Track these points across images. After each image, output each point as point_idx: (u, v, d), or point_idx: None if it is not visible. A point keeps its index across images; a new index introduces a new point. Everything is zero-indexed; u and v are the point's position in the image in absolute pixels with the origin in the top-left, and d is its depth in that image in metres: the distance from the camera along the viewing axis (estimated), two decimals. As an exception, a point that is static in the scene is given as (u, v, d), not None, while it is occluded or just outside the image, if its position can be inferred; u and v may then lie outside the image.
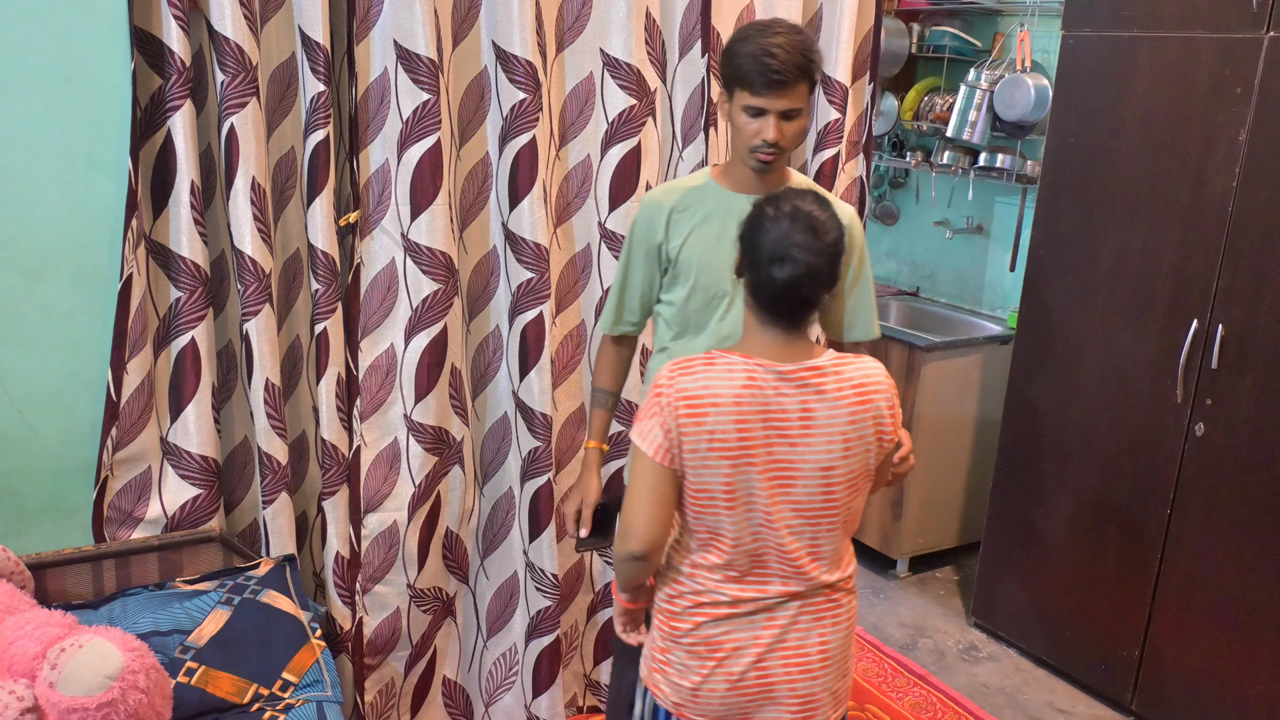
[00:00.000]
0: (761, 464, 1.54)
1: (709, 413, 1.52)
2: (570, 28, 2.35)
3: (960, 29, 3.89)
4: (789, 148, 1.86)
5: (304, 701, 1.92)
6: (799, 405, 1.54)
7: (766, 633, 1.61)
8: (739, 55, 1.80)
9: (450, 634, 2.57)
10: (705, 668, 1.62)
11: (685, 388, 1.54)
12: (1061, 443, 3.04)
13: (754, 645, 1.61)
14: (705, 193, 1.97)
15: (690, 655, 1.63)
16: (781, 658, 1.62)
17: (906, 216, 4.35)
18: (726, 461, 1.53)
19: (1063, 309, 3.01)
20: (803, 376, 1.54)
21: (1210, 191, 2.62)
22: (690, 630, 1.63)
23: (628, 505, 1.59)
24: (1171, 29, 2.68)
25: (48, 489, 2.07)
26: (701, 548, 1.61)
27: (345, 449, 2.27)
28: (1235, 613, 2.65)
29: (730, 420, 1.52)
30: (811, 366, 1.55)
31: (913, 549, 3.73)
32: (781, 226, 1.52)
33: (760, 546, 1.58)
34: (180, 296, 2.04)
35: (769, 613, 1.61)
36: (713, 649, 1.62)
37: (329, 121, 2.10)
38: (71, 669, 1.62)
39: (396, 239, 2.24)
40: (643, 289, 2.04)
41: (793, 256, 1.50)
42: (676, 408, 1.53)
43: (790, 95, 1.79)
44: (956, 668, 3.19)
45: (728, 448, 1.53)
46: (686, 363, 1.58)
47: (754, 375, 1.53)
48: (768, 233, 1.53)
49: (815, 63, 1.81)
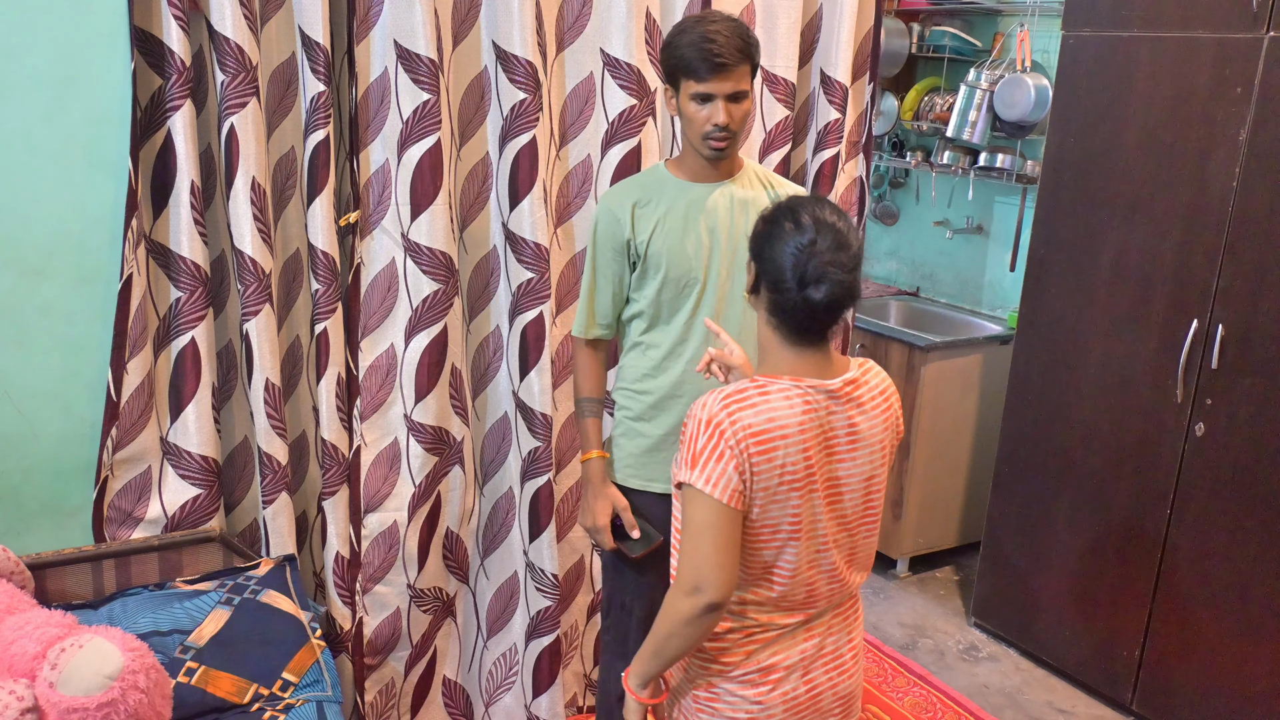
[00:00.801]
0: (820, 486, 1.49)
1: (778, 445, 1.44)
2: (570, 28, 2.35)
3: (960, 29, 3.89)
4: (739, 130, 1.94)
5: (304, 701, 1.92)
6: (846, 422, 1.50)
7: (809, 644, 1.57)
8: (680, 46, 1.88)
9: (450, 634, 2.57)
10: (761, 692, 1.55)
11: (750, 423, 1.43)
12: (1061, 443, 3.04)
13: (800, 659, 1.56)
14: (664, 186, 2.03)
15: (743, 685, 1.55)
16: (823, 665, 1.59)
17: (906, 216, 4.35)
18: (796, 493, 1.46)
19: (1063, 309, 3.01)
20: (847, 393, 1.50)
21: (1210, 191, 2.62)
22: (741, 660, 1.55)
23: (693, 555, 1.45)
24: (1171, 29, 2.68)
25: (48, 489, 2.07)
26: (752, 583, 1.52)
27: (345, 449, 2.27)
28: (1235, 612, 2.65)
29: (798, 450, 1.45)
30: (851, 380, 1.51)
31: (913, 549, 3.73)
32: (808, 242, 1.43)
33: (816, 573, 1.53)
34: (180, 296, 2.04)
35: (808, 625, 1.58)
36: (766, 673, 1.55)
37: (329, 121, 2.10)
38: (71, 669, 1.62)
39: (396, 239, 2.24)
40: (613, 288, 2.07)
41: (830, 276, 1.41)
42: (747, 446, 1.42)
43: (734, 77, 1.88)
44: (956, 668, 3.19)
45: (796, 479, 1.46)
46: (740, 394, 1.46)
47: (809, 399, 1.47)
48: (794, 250, 1.44)
49: (754, 45, 1.91)
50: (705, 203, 2.01)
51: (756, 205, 2.04)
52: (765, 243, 1.50)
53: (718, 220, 2.01)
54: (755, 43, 1.91)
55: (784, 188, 2.09)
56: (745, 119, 1.93)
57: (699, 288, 2.00)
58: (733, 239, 2.00)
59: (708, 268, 2.01)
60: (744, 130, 1.97)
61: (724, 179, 2.03)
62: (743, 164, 2.08)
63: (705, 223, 2.01)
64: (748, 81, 1.91)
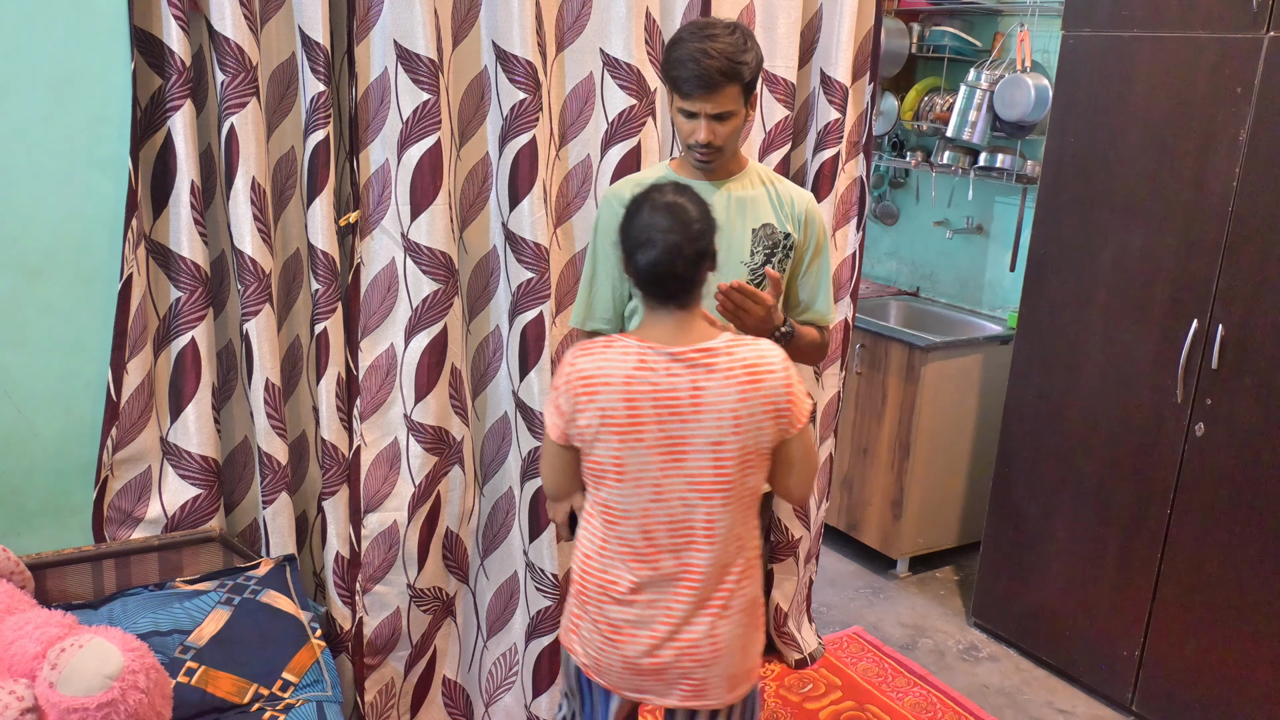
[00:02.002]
0: (651, 440, 1.65)
1: (600, 392, 1.66)
2: (570, 28, 2.35)
3: (960, 29, 3.89)
4: (724, 146, 1.95)
5: (304, 701, 1.92)
6: (690, 384, 1.64)
7: (663, 627, 1.71)
8: (670, 59, 1.89)
9: (450, 634, 2.57)
10: (607, 645, 1.76)
11: (583, 369, 1.68)
12: (1061, 443, 3.05)
13: (650, 636, 1.72)
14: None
15: (594, 630, 1.77)
16: (676, 649, 1.72)
17: (906, 216, 4.35)
18: (617, 439, 1.66)
19: (1063, 309, 3.01)
20: (693, 357, 1.65)
21: (1210, 191, 2.62)
22: (595, 611, 1.76)
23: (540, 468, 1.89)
24: (1171, 29, 2.68)
25: (48, 489, 2.07)
26: (603, 524, 1.74)
27: (345, 449, 2.27)
28: (1235, 612, 2.65)
29: (620, 399, 1.65)
30: (703, 348, 1.66)
31: (913, 549, 3.73)
32: (645, 215, 1.65)
33: (651, 521, 1.69)
34: (180, 296, 2.04)
35: (668, 605, 1.71)
36: (614, 630, 1.74)
37: (329, 121, 2.10)
38: (71, 669, 1.62)
39: (396, 239, 2.24)
40: (613, 282, 2.09)
41: (653, 240, 1.62)
42: (573, 388, 1.68)
43: (717, 99, 1.87)
44: (956, 668, 3.19)
45: (618, 425, 1.65)
46: (590, 345, 1.71)
47: (646, 358, 1.65)
48: (636, 222, 1.67)
49: (744, 65, 1.88)
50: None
51: (756, 205, 2.05)
52: (624, 218, 1.70)
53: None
54: (749, 62, 1.88)
55: (787, 188, 2.10)
56: (732, 136, 1.94)
57: None
58: (726, 237, 2.01)
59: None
60: (733, 143, 1.97)
61: (725, 179, 2.04)
62: (746, 164, 2.09)
63: None
64: (735, 103, 1.90)
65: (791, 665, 3.09)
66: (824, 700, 2.94)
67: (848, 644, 3.25)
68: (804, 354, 2.20)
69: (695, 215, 1.66)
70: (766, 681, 3.00)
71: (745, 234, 2.04)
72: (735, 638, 1.74)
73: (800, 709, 2.89)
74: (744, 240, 2.04)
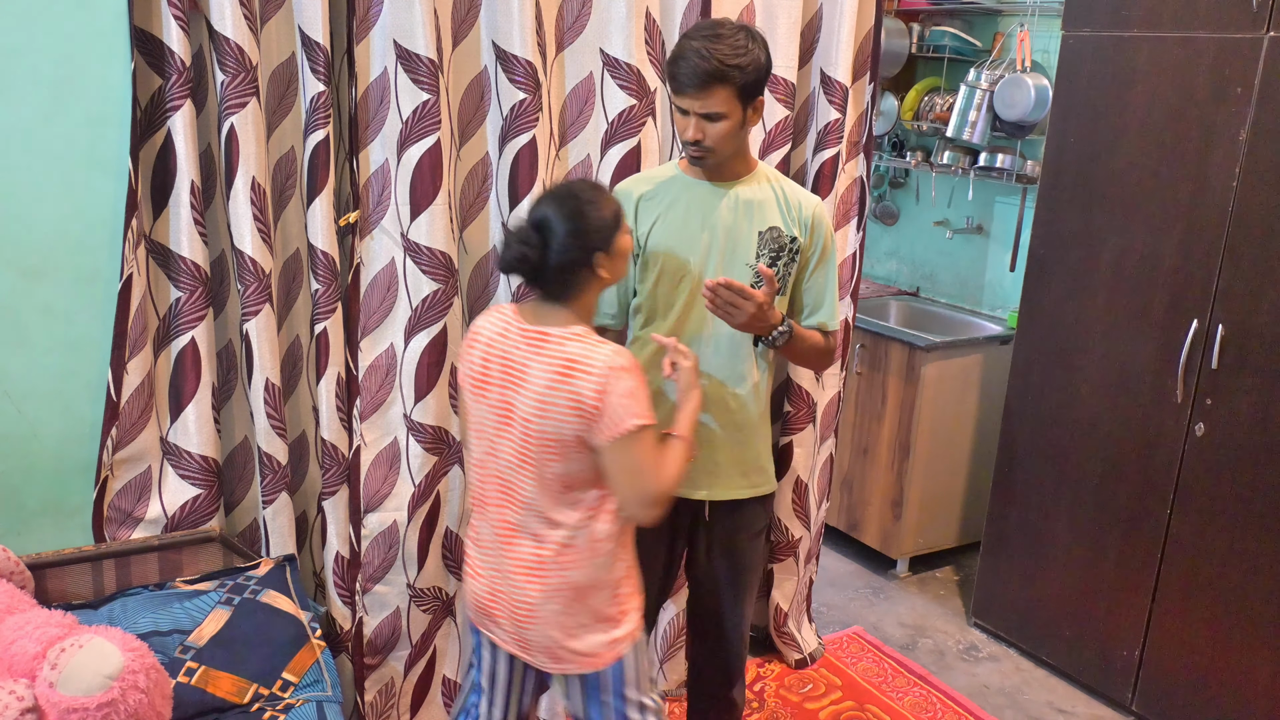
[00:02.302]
0: (494, 400, 1.80)
1: (473, 347, 1.83)
2: (570, 28, 2.35)
3: (960, 29, 3.89)
4: (714, 147, 1.95)
5: (304, 701, 1.92)
6: (523, 359, 1.76)
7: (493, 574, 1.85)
8: (672, 54, 1.92)
9: (450, 634, 2.57)
10: (469, 581, 1.92)
11: (475, 325, 1.86)
12: (1061, 443, 3.05)
13: (486, 582, 1.87)
14: (672, 182, 2.07)
15: (467, 567, 1.94)
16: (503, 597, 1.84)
17: (906, 216, 4.35)
18: (470, 393, 1.83)
19: (1063, 309, 3.01)
20: (531, 337, 1.76)
21: (1210, 191, 2.62)
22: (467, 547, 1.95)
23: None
24: (1171, 29, 2.68)
25: (48, 489, 2.07)
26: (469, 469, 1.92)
27: (345, 449, 2.27)
28: (1235, 612, 2.65)
29: (480, 357, 1.81)
30: (544, 334, 1.76)
31: (913, 549, 3.73)
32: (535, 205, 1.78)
33: (488, 475, 1.84)
34: (180, 296, 2.04)
35: (498, 556, 1.84)
36: (471, 570, 1.91)
37: (329, 121, 2.10)
38: (71, 669, 1.62)
39: (396, 239, 2.24)
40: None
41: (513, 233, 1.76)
42: (466, 340, 1.86)
43: (706, 99, 1.88)
44: (956, 668, 3.19)
45: (473, 380, 1.82)
46: (495, 307, 1.88)
47: (509, 326, 1.80)
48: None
49: (736, 69, 1.87)
50: (708, 202, 2.03)
51: (762, 207, 2.04)
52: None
53: (718, 220, 2.01)
54: (742, 67, 1.87)
55: (795, 192, 2.09)
56: (724, 138, 1.93)
57: (691, 284, 2.03)
58: (731, 239, 2.01)
59: (703, 266, 2.02)
60: (726, 145, 1.96)
61: (733, 180, 2.04)
62: (756, 166, 2.09)
63: (705, 221, 2.02)
64: (726, 105, 1.89)
65: (791, 665, 3.09)
66: (824, 700, 2.94)
67: (848, 644, 3.25)
68: (806, 358, 2.19)
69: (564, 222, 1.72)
70: (766, 681, 3.01)
71: (751, 236, 2.03)
72: (553, 613, 1.80)
73: (800, 709, 2.89)
74: (750, 243, 2.03)
